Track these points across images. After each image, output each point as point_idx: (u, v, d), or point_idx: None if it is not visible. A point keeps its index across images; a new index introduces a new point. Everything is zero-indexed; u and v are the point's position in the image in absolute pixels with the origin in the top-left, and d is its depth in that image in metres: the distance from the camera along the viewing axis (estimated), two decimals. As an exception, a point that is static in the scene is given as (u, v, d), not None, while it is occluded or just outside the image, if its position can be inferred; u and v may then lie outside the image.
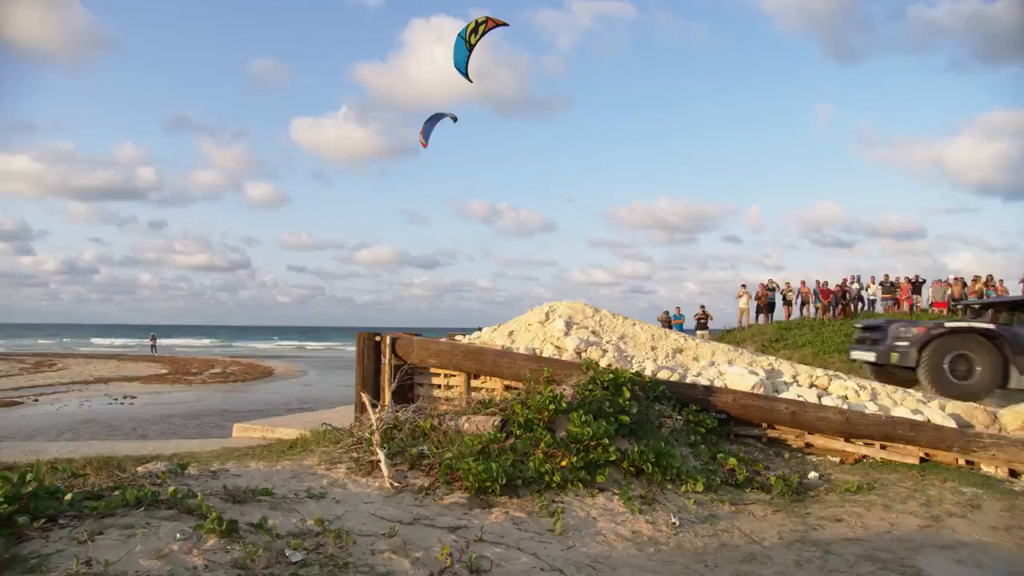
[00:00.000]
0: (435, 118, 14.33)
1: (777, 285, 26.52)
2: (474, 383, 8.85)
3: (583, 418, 6.46)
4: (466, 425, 6.73)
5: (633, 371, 8.14)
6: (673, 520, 5.59)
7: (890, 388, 10.07)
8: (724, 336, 23.81)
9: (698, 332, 23.77)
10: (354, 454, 6.50)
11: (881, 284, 25.34)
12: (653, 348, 10.66)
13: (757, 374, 9.28)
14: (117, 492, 4.49)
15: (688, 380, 9.14)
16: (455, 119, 14.20)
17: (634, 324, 11.42)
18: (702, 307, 25.91)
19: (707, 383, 9.01)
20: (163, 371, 32.62)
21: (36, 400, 20.51)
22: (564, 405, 6.71)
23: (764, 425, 8.42)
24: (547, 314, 11.10)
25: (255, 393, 23.91)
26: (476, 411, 7.15)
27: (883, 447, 8.18)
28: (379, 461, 5.96)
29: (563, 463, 6.06)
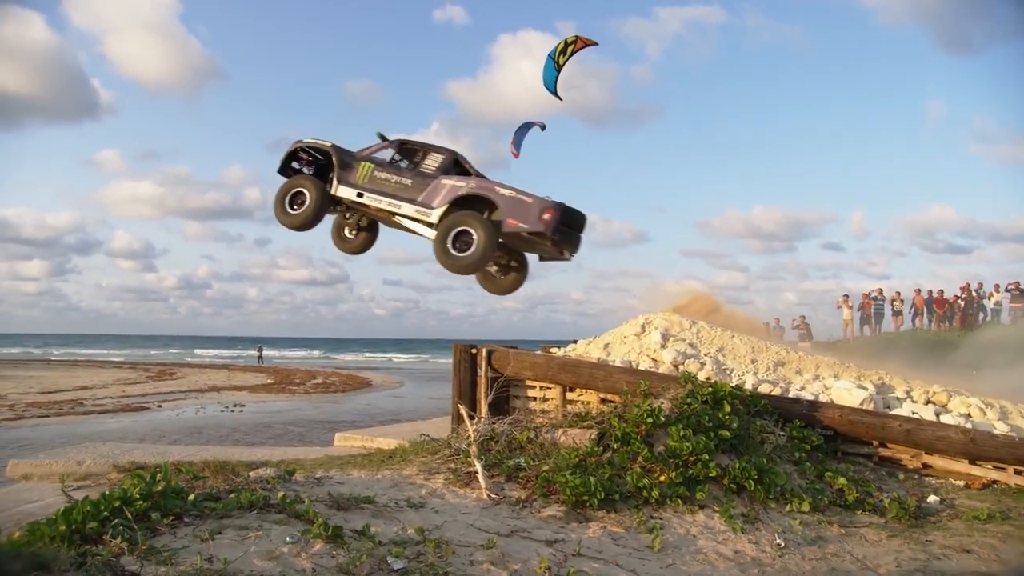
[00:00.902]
0: (525, 127, 14.44)
1: (883, 294, 24.96)
2: (570, 396, 8.83)
3: (682, 432, 6.32)
4: (562, 438, 6.72)
5: (733, 384, 7.90)
6: (778, 541, 5.37)
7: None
8: (828, 348, 22.72)
9: (800, 344, 22.75)
10: (452, 465, 6.60)
11: (1009, 291, 23.19)
12: (753, 361, 10.32)
13: (866, 389, 8.81)
14: (233, 495, 4.78)
15: (791, 394, 8.80)
16: (543, 127, 14.28)
17: (733, 336, 11.09)
18: (802, 318, 24.72)
19: (811, 398, 8.64)
20: (269, 381, 34.26)
21: (160, 406, 22.04)
22: (662, 419, 6.59)
23: (875, 443, 7.96)
24: (643, 326, 10.96)
25: (354, 403, 24.75)
26: (572, 424, 7.12)
27: (1018, 472, 7.54)
28: (476, 472, 6.04)
29: (661, 478, 5.95)
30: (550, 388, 9.00)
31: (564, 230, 7.81)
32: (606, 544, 4.95)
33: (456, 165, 7.99)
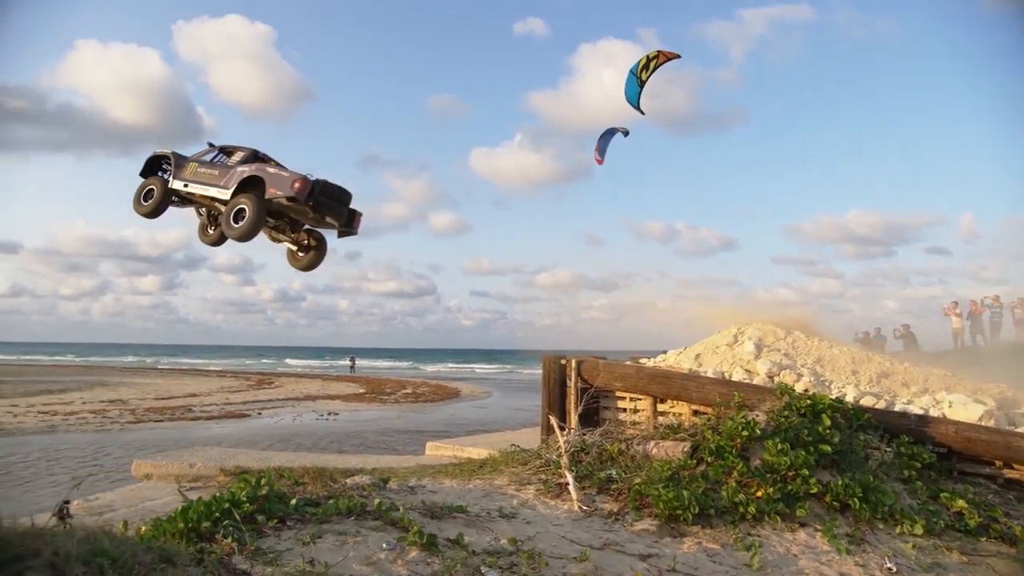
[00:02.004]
0: (608, 134, 14.37)
1: (999, 300, 23.04)
2: (661, 407, 8.68)
3: (779, 446, 6.10)
4: (654, 450, 6.61)
5: (833, 397, 7.55)
6: (889, 565, 5.07)
7: None
8: (937, 359, 21.26)
9: (905, 354, 21.34)
10: (542, 476, 6.61)
11: None
12: (854, 372, 9.83)
13: (984, 403, 8.23)
14: (331, 501, 4.96)
15: (897, 408, 8.32)
16: (626, 133, 14.17)
17: (831, 346, 10.62)
18: (905, 326, 23.16)
19: (920, 412, 8.14)
20: (361, 391, 35.29)
21: (259, 413, 23.13)
22: (758, 432, 6.37)
23: (999, 464, 7.38)
24: (735, 336, 10.65)
25: (443, 413, 25.17)
26: (664, 436, 7.00)
27: None
28: (567, 484, 6.02)
29: (758, 493, 5.75)
30: (640, 399, 8.87)
31: (323, 200, 8.91)
32: (702, 561, 4.83)
33: (256, 158, 9.28)
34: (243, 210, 8.73)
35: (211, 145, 9.78)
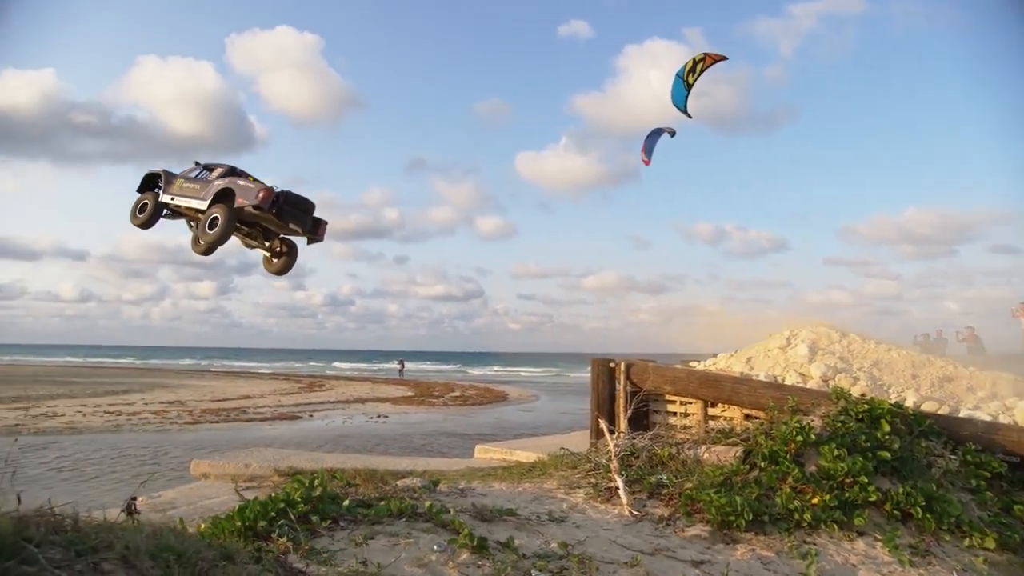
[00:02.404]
0: (655, 134, 14.23)
1: None
2: (711, 411, 8.53)
3: (835, 452, 5.93)
4: (706, 455, 6.51)
5: (892, 402, 7.30)
6: (957, 578, 4.88)
7: None
8: (1005, 364, 20.30)
9: (969, 358, 20.41)
10: (592, 480, 6.57)
11: None
12: (914, 376, 9.50)
13: (1058, 410, 7.86)
14: (383, 503, 5.02)
15: (962, 414, 8.01)
16: (673, 134, 14.00)
17: (889, 349, 10.28)
18: (970, 329, 22.14)
19: (988, 419, 7.81)
20: (410, 394, 35.69)
21: (311, 416, 23.58)
22: (813, 437, 6.21)
23: (1080, 475, 7.00)
24: (788, 339, 10.42)
25: (491, 416, 25.25)
26: (715, 440, 6.89)
27: None
28: (617, 488, 5.97)
29: (814, 500, 5.60)
30: (691, 403, 8.74)
31: (286, 208, 9.78)
32: (756, 568, 4.73)
33: (232, 173, 10.03)
34: (216, 218, 9.57)
35: (197, 163, 10.71)
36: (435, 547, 4.25)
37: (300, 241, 10.65)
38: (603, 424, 7.15)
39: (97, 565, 2.12)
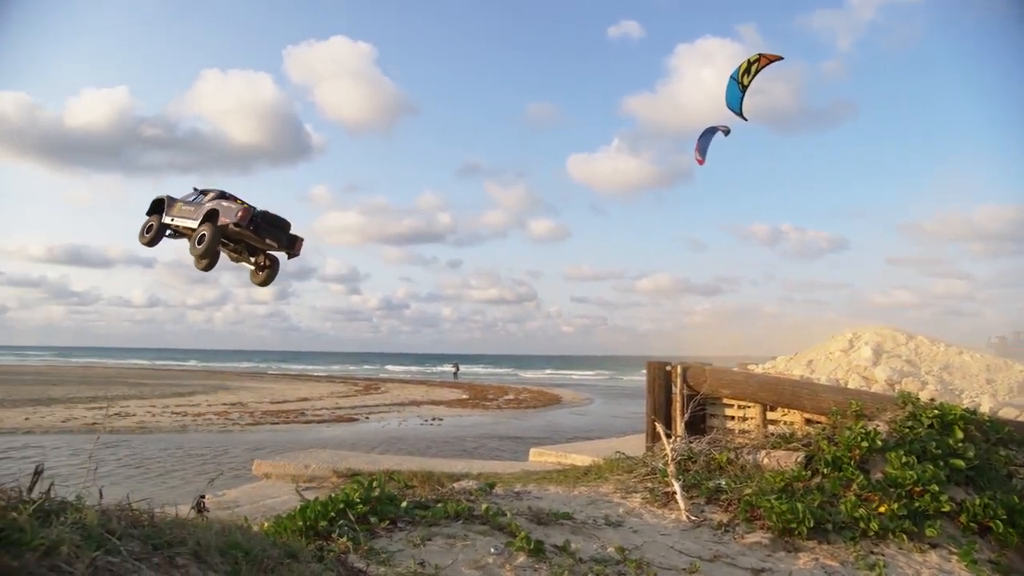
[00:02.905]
0: (709, 133, 13.97)
1: None
2: (770, 415, 8.35)
3: (904, 459, 5.71)
4: (765, 460, 6.37)
5: (964, 407, 6.99)
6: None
7: None
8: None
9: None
10: (648, 484, 6.49)
11: None
12: (989, 381, 9.09)
13: None
14: (440, 505, 5.07)
15: (1044, 420, 7.63)
16: (727, 132, 13.71)
17: (960, 352, 9.87)
18: (1053, 331, 21.16)
19: (1073, 425, 7.41)
20: (464, 396, 35.92)
21: (367, 418, 23.98)
22: (879, 443, 6.00)
23: None
24: (851, 341, 10.11)
25: (544, 419, 25.21)
26: (775, 445, 6.73)
27: None
28: (674, 493, 5.89)
29: (881, 509, 5.39)
30: (749, 407, 8.56)
31: (263, 226, 10.87)
32: (820, 577, 4.60)
33: (221, 196, 11.11)
34: (204, 235, 10.75)
35: (195, 189, 12.00)
36: (492, 549, 4.27)
37: (282, 257, 11.84)
38: (660, 428, 7.06)
39: (172, 559, 2.23)
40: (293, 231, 11.41)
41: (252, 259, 11.90)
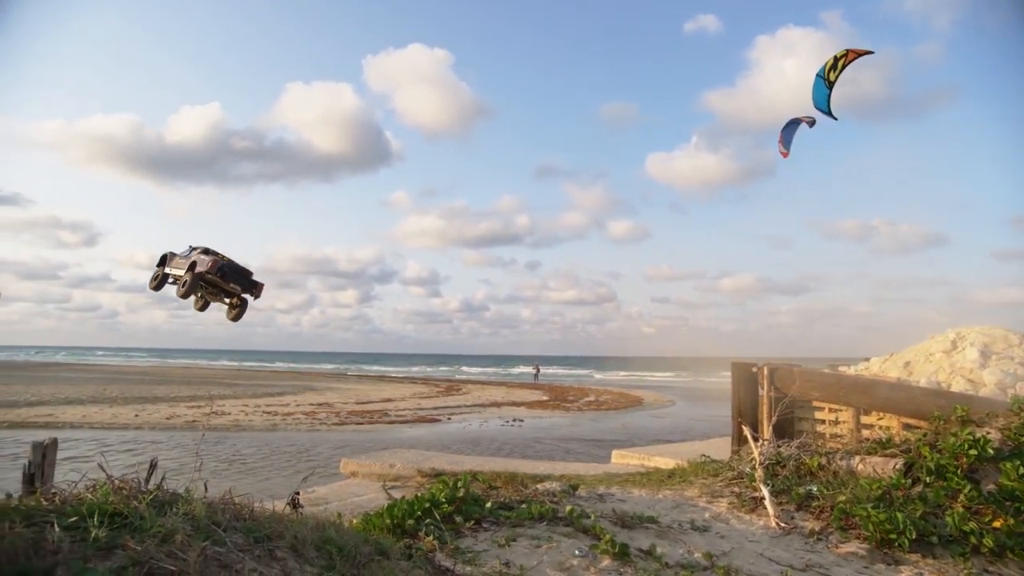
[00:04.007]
0: (793, 124, 13.44)
1: None
2: (864, 419, 7.95)
3: (1021, 470, 5.31)
4: (860, 466, 6.07)
5: (1088, 414, 6.44)
6: None
7: None
8: None
9: None
10: (735, 489, 6.32)
11: None
12: (1116, 385, 8.37)
13: None
14: (524, 506, 5.09)
15: None
16: (812, 123, 13.15)
17: (1082, 354, 9.12)
18: None
19: None
20: (544, 398, 35.89)
21: (449, 419, 24.31)
22: (990, 452, 5.61)
23: None
24: (953, 342, 9.51)
25: (626, 421, 24.89)
26: (871, 451, 6.41)
27: None
28: (763, 498, 5.71)
29: (996, 524, 5.02)
30: (841, 410, 8.18)
31: (229, 273, 13.43)
32: (925, 592, 4.34)
33: (205, 252, 13.61)
34: (185, 281, 13.42)
35: (190, 247, 14.70)
36: (576, 551, 4.25)
37: (251, 297, 14.51)
38: (747, 431, 6.86)
39: (272, 552, 2.36)
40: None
41: (227, 300, 14.53)
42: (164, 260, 15.55)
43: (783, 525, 5.33)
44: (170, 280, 14.93)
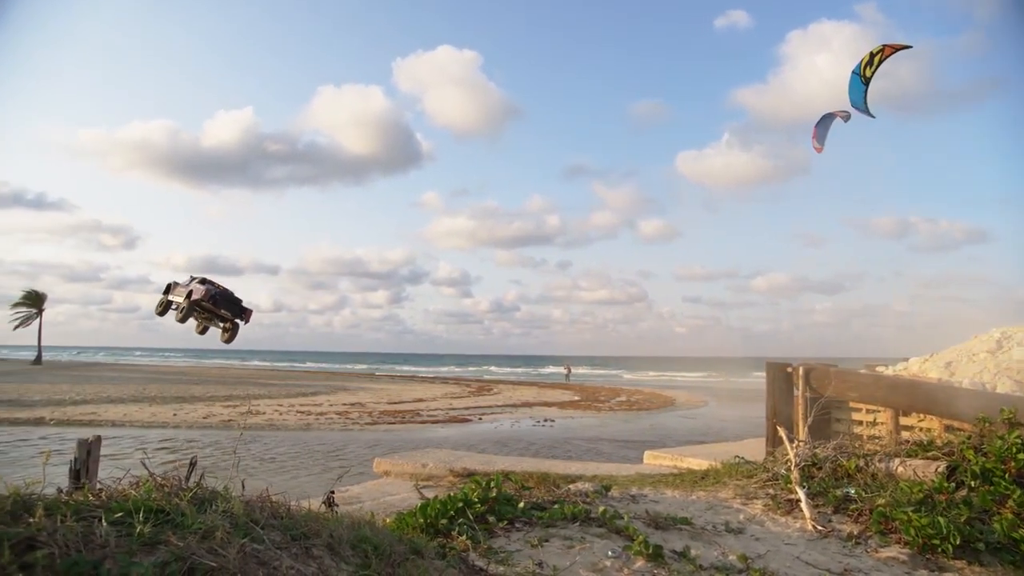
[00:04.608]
0: (827, 119, 13.18)
1: None
2: (904, 420, 7.77)
3: (1070, 473, 5.14)
4: (900, 469, 5.93)
5: None
6: None
7: None
8: None
9: None
10: (770, 490, 6.22)
11: None
12: None
13: None
14: (556, 506, 5.07)
15: None
16: (847, 118, 12.86)
17: None
18: None
19: None
20: (575, 398, 35.78)
21: (480, 419, 24.37)
22: (1038, 455, 5.44)
23: None
24: (999, 341, 9.25)
25: (658, 421, 24.70)
26: (911, 453, 6.26)
27: None
28: (799, 500, 5.61)
29: (1046, 529, 4.86)
30: (879, 411, 8.01)
31: (221, 301, 14.97)
32: (970, 600, 4.22)
33: (203, 282, 15.13)
34: (183, 307, 14.69)
35: (192, 277, 16.19)
36: (609, 552, 4.22)
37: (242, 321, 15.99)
38: (782, 432, 6.74)
39: (308, 550, 2.41)
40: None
41: (221, 323, 16.16)
42: (168, 289, 17.25)
43: (820, 528, 5.23)
44: (172, 307, 16.50)
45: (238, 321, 16.13)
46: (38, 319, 67.21)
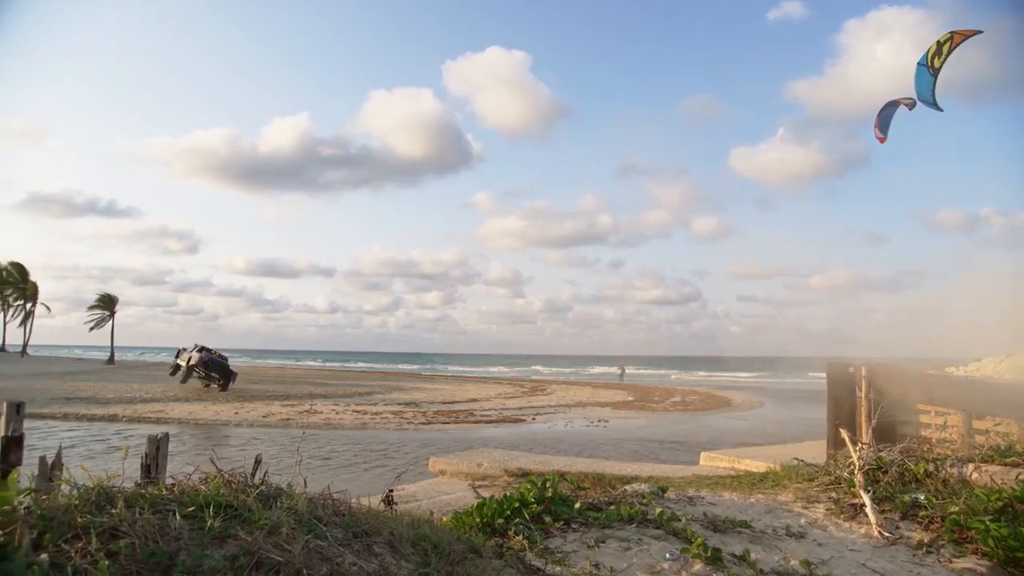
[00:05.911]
0: (890, 107, 12.70)
1: None
2: (977, 424, 7.45)
3: None
4: (974, 475, 5.69)
5: None
6: None
7: None
8: None
9: None
10: (832, 494, 6.05)
11: None
12: None
13: None
14: (612, 507, 5.04)
15: None
16: (912, 105, 12.33)
17: None
18: None
19: None
20: (629, 398, 35.46)
21: (534, 419, 24.38)
22: (1125, 460, 5.15)
23: None
24: (1079, 341, 8.78)
25: (714, 422, 24.28)
26: (987, 459, 5.99)
27: None
28: (863, 505, 5.44)
29: None
30: (950, 414, 7.69)
31: (212, 365, 21.98)
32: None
33: (201, 350, 20.38)
34: (184, 369, 18.20)
35: (195, 345, 19.93)
36: (667, 555, 4.17)
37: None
38: (845, 434, 6.54)
39: (370, 547, 2.47)
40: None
41: (214, 383, 22.13)
42: (178, 354, 23.75)
43: (887, 535, 5.06)
44: (180, 368, 23.40)
45: (227, 380, 23.36)
46: (111, 321, 70.45)
